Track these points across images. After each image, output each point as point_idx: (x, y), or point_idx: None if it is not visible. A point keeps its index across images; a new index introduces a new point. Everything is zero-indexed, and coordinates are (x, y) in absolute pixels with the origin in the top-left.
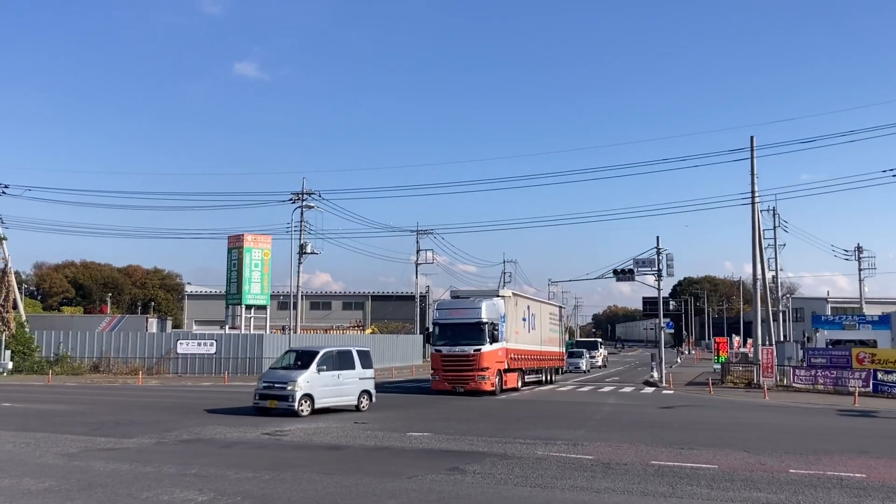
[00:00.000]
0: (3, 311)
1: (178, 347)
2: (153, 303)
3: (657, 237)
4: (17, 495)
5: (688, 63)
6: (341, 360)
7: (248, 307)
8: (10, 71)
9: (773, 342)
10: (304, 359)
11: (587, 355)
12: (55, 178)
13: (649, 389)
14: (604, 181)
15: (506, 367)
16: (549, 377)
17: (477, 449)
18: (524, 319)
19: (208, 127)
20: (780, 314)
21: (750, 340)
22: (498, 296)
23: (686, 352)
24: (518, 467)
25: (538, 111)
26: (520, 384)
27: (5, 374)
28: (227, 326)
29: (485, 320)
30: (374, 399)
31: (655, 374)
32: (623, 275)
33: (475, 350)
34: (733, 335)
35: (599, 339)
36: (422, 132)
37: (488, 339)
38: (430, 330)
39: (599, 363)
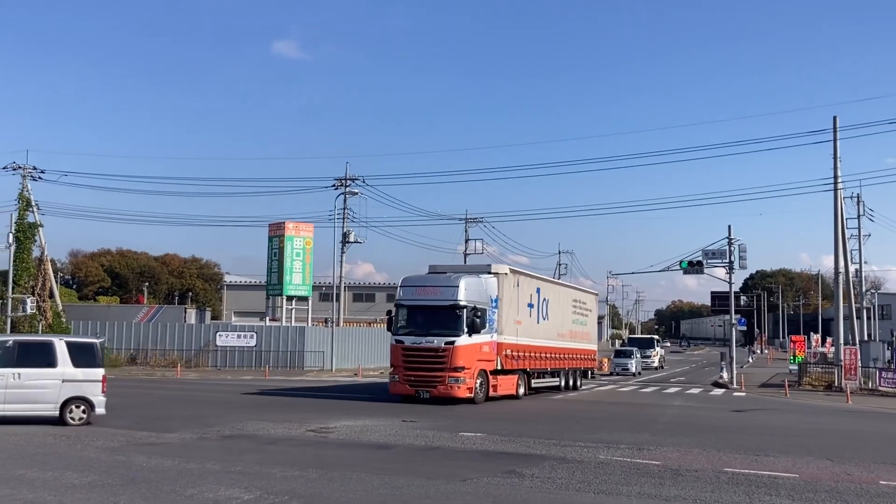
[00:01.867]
0: (39, 300)
1: (217, 340)
2: (191, 293)
3: (728, 226)
4: (61, 489)
5: (763, 41)
6: (27, 355)
7: (290, 298)
8: (44, 53)
9: (857, 342)
10: None
11: (637, 356)
12: (90, 163)
13: (718, 391)
14: (670, 166)
15: (497, 366)
16: (571, 381)
17: (534, 451)
18: (531, 306)
19: (247, 110)
20: (864, 311)
21: (830, 339)
22: (489, 272)
23: (758, 351)
24: (579, 472)
25: (595, 90)
26: (521, 390)
27: None
28: (267, 318)
29: (463, 303)
30: (98, 409)
31: (725, 375)
32: (691, 267)
33: (447, 343)
34: (811, 333)
35: (656, 337)
36: (472, 113)
37: (466, 329)
38: (392, 314)
39: (655, 364)
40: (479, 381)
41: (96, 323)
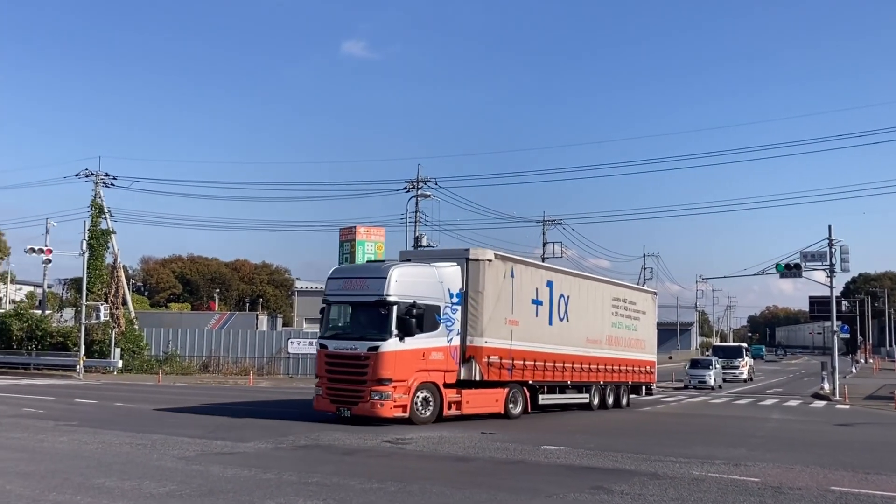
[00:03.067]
0: (113, 307)
1: (289, 347)
2: (262, 299)
3: (829, 226)
4: (139, 498)
5: (859, 35)
6: None
7: None
8: (115, 62)
9: None
10: None
11: (716, 366)
12: (162, 169)
13: (820, 403)
14: (764, 163)
15: (471, 377)
16: (612, 398)
17: (622, 466)
18: (537, 303)
19: (315, 111)
20: None
21: None
22: (466, 258)
23: (862, 360)
24: (672, 488)
25: (679, 84)
26: (516, 408)
27: (115, 372)
28: None
29: (392, 298)
30: None
31: (827, 386)
32: (788, 270)
33: (370, 349)
34: None
35: (744, 345)
36: (547, 112)
37: (396, 331)
38: (322, 313)
39: (744, 376)
40: (419, 397)
41: (168, 330)
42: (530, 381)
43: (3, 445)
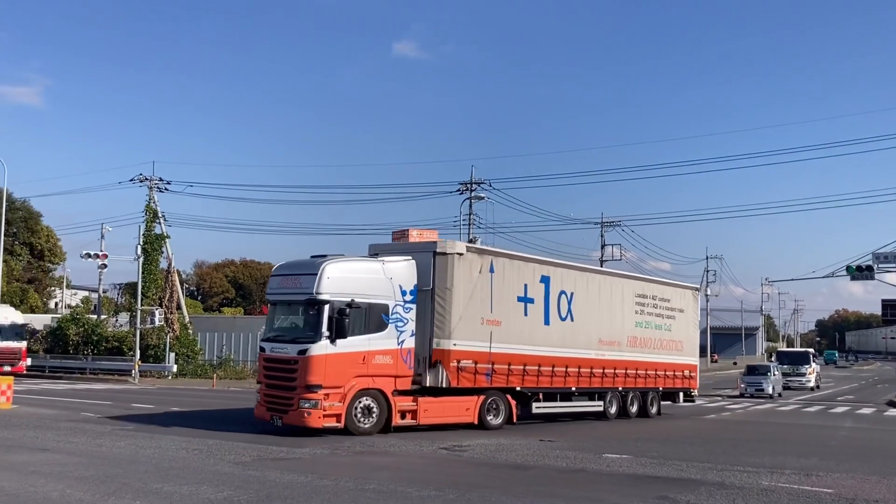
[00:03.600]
0: (167, 312)
1: None
2: None
3: None
4: (197, 503)
5: None
6: None
7: None
8: (167, 67)
9: None
10: None
11: (775, 373)
12: (214, 173)
13: (895, 411)
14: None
15: (433, 383)
16: (635, 406)
17: (688, 476)
18: (526, 300)
19: (367, 114)
20: None
21: None
22: (433, 251)
23: None
24: (740, 499)
25: (748, 80)
26: (496, 418)
27: (170, 377)
28: None
29: (323, 297)
30: None
31: None
32: (859, 272)
33: (299, 352)
34: None
35: (811, 351)
36: (605, 111)
37: (327, 332)
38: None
39: (811, 384)
40: (359, 405)
41: (222, 334)
42: (518, 388)
43: (62, 450)
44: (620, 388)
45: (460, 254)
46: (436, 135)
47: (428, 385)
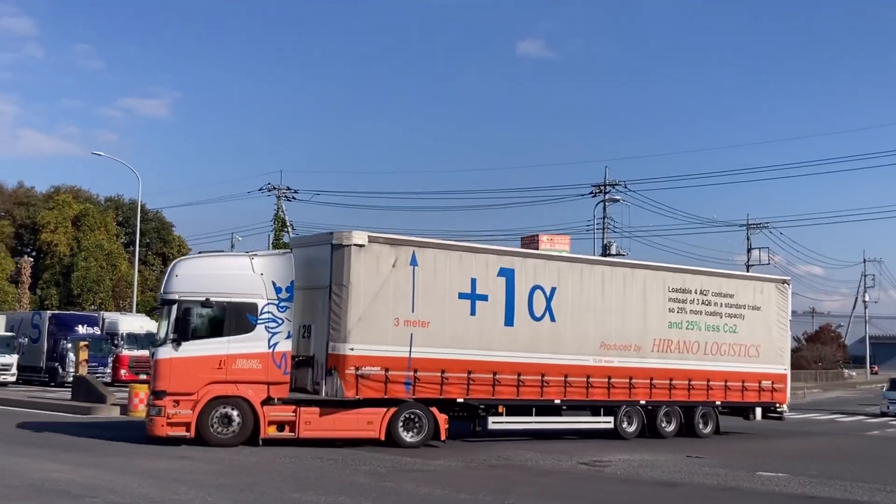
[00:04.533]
0: None
1: None
2: None
3: None
4: None
5: None
6: None
7: None
8: (290, 70)
9: None
10: None
11: None
12: (339, 181)
13: None
14: None
15: (330, 394)
16: (671, 422)
17: (853, 497)
18: (469, 297)
19: (491, 117)
20: None
21: None
22: (330, 244)
23: None
24: None
25: None
26: (417, 435)
27: None
28: None
29: (173, 296)
30: None
31: None
32: None
33: (151, 355)
34: None
35: None
36: (749, 106)
37: (174, 334)
38: None
39: None
40: (215, 414)
41: None
42: (460, 400)
43: (202, 458)
44: (643, 402)
45: (360, 245)
46: (567, 136)
47: (327, 396)
